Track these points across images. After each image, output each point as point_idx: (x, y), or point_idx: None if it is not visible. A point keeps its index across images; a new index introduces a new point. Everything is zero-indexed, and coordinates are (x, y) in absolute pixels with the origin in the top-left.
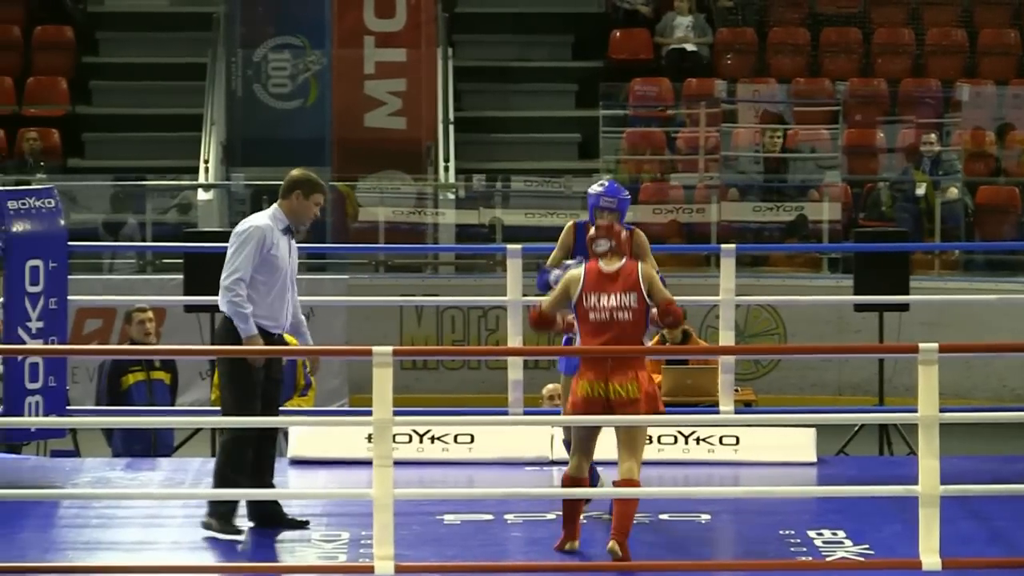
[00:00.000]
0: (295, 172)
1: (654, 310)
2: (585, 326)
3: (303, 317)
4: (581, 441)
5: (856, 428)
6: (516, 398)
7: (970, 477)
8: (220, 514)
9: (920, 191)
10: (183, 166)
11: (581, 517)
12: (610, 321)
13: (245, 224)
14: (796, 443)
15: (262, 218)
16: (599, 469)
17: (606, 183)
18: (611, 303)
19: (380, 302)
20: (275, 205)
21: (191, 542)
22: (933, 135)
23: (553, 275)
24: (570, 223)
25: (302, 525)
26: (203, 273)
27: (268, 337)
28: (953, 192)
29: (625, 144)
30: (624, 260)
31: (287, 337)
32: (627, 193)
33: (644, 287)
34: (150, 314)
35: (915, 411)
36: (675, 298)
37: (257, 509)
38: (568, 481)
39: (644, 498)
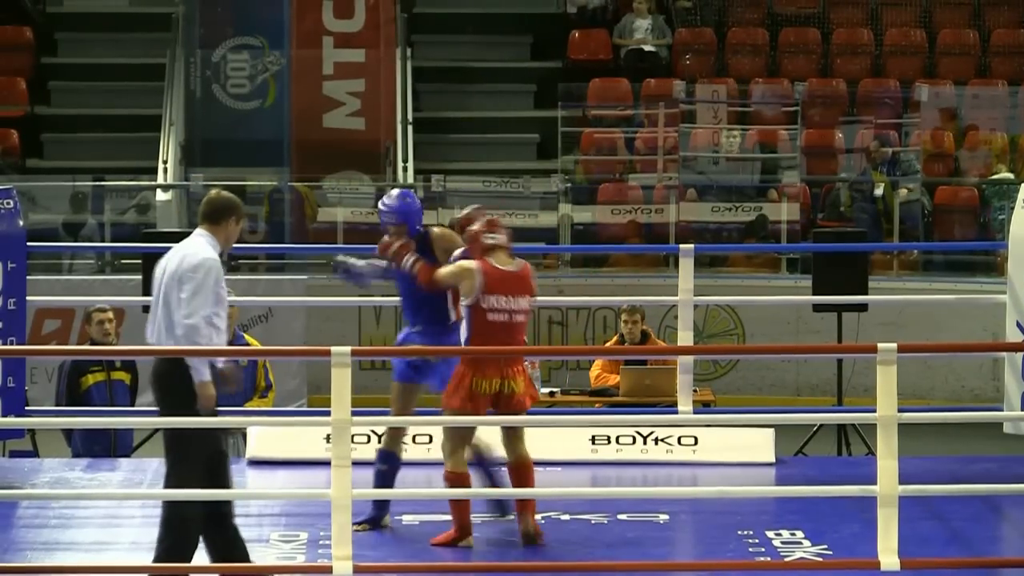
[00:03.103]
0: (224, 195)
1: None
2: (481, 324)
3: None
4: (469, 434)
5: (815, 428)
6: None
7: (928, 477)
8: None
9: (878, 191)
10: (142, 167)
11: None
12: (509, 323)
13: (197, 256)
14: (754, 443)
15: (208, 249)
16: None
17: (394, 194)
18: (511, 305)
19: (339, 302)
20: (206, 232)
21: (149, 542)
22: (877, 141)
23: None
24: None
25: None
26: None
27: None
28: (907, 192)
29: (583, 144)
30: (522, 262)
31: (248, 337)
32: (411, 199)
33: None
34: (110, 314)
35: (874, 411)
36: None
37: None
38: (458, 478)
39: (603, 498)
